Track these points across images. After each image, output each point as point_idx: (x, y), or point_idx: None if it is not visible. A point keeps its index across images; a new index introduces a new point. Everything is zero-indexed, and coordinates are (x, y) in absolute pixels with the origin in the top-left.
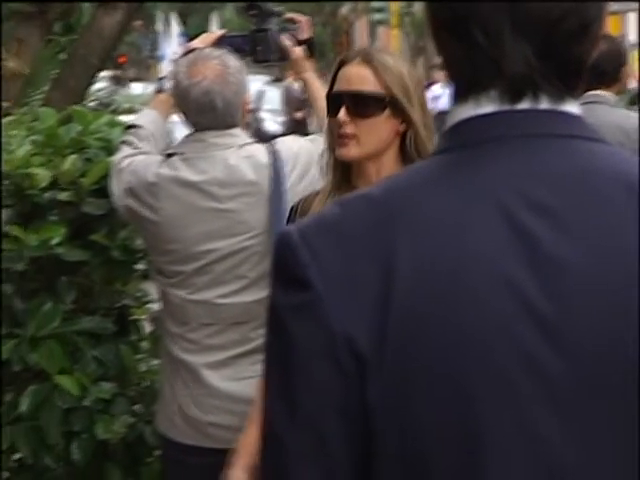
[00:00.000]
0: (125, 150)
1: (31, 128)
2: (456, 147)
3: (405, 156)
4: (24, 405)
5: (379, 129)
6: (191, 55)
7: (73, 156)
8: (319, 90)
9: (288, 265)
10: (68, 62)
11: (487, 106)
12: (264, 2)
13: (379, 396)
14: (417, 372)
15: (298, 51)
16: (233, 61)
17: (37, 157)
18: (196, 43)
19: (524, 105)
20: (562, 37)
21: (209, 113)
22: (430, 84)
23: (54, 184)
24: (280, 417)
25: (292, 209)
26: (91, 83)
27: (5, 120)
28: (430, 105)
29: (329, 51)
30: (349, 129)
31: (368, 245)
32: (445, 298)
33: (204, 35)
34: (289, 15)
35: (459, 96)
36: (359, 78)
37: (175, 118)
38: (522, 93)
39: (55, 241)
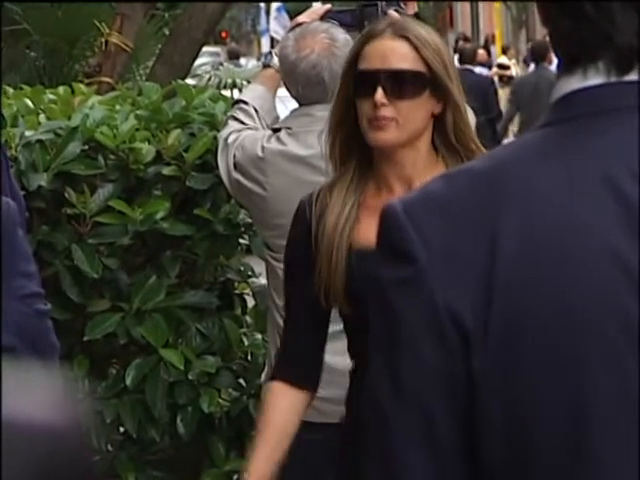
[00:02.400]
0: (232, 125)
1: (135, 103)
2: (563, 120)
3: (440, 140)
4: (129, 378)
5: (420, 110)
6: (298, 29)
7: (177, 131)
8: None
9: (393, 239)
10: (172, 37)
11: (594, 78)
12: None
13: (484, 368)
14: (523, 342)
15: None
16: (340, 35)
17: (141, 132)
18: (302, 18)
19: (632, 77)
20: None
21: (316, 87)
22: None
23: (158, 159)
24: (385, 395)
25: (301, 205)
26: (195, 58)
27: (109, 95)
28: None
29: (431, 26)
30: (388, 112)
31: (473, 220)
32: (552, 271)
33: (310, 10)
34: None
35: (566, 68)
36: (396, 54)
37: (280, 93)
38: (631, 65)
39: (159, 215)
